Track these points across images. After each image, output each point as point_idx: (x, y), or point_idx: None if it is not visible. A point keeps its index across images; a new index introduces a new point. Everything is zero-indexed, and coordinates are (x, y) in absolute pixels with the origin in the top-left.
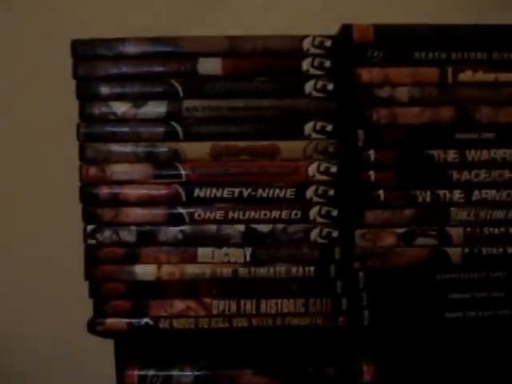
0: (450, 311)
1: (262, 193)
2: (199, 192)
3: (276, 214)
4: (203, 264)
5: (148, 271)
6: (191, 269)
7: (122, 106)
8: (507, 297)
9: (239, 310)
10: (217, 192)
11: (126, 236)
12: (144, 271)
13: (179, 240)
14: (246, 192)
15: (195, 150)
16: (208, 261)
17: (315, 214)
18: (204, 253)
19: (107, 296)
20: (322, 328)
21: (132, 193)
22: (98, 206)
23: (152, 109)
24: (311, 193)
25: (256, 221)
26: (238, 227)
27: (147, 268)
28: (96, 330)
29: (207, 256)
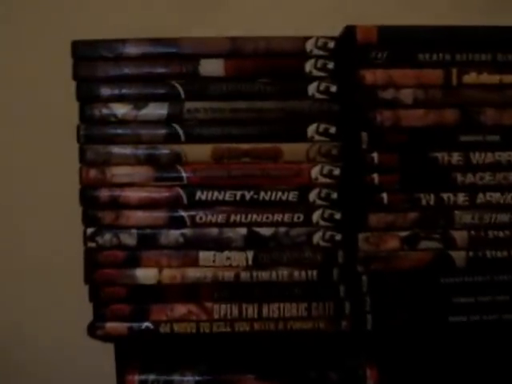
0: (454, 315)
1: (265, 196)
2: (201, 195)
3: (278, 217)
4: (205, 268)
5: (149, 275)
6: (192, 272)
7: (123, 108)
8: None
9: (241, 315)
10: (218, 195)
11: (127, 239)
12: (145, 275)
13: (180, 243)
14: (248, 195)
15: (197, 153)
16: (209, 264)
17: (318, 217)
18: (205, 256)
19: (107, 300)
20: (325, 332)
21: (133, 195)
22: (99, 209)
23: (153, 110)
24: (314, 196)
25: (258, 224)
26: (240, 230)
27: (148, 272)
28: (96, 334)
29: (209, 260)
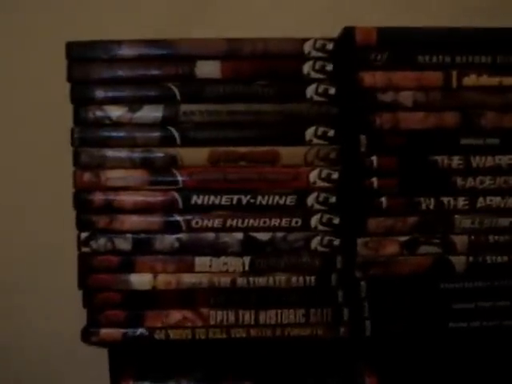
0: (454, 321)
1: (262, 200)
2: (197, 199)
3: (276, 222)
4: (200, 273)
5: (144, 280)
6: (188, 278)
7: (118, 110)
8: None
9: (238, 321)
10: (215, 199)
11: (121, 244)
12: (139, 280)
13: (176, 248)
14: (245, 199)
15: (193, 156)
16: (205, 270)
17: (316, 222)
18: (201, 262)
19: (101, 305)
20: (323, 339)
21: (127, 199)
22: (93, 213)
23: (148, 113)
24: (312, 200)
25: (255, 229)
26: (237, 235)
27: (143, 277)
28: (90, 340)
29: (205, 265)
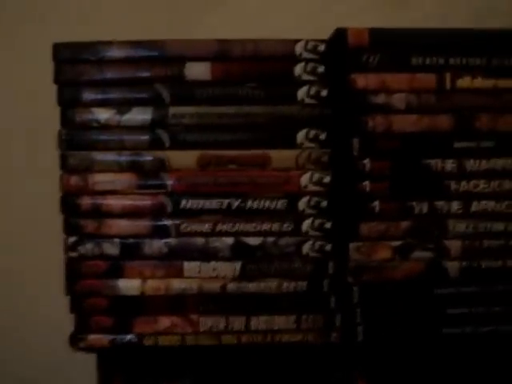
0: (448, 327)
1: (252, 204)
2: (186, 203)
3: (266, 227)
4: (190, 279)
5: (132, 286)
6: (177, 284)
7: (106, 113)
8: (507, 311)
9: (228, 327)
10: (204, 203)
11: (109, 249)
12: (128, 286)
13: (164, 253)
14: (235, 203)
15: (182, 159)
16: (195, 275)
17: (308, 227)
18: (191, 267)
19: (89, 311)
20: (315, 345)
21: (115, 203)
22: (80, 217)
23: (136, 115)
24: (303, 204)
25: (246, 233)
26: (227, 240)
27: (131, 282)
28: (78, 346)
29: (194, 270)
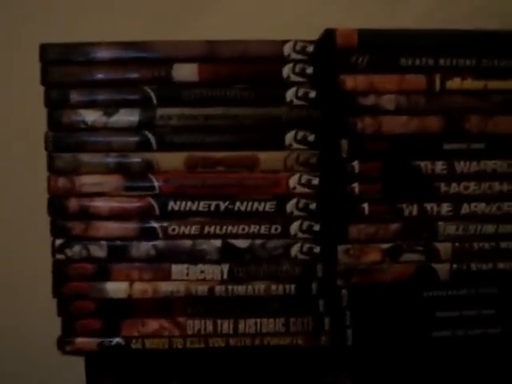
0: (438, 330)
1: (240, 206)
2: (173, 205)
3: (255, 229)
4: (177, 281)
5: (119, 288)
6: (165, 286)
7: (93, 114)
8: (497, 314)
9: (216, 330)
10: (192, 205)
11: (97, 251)
12: (115, 288)
13: (152, 256)
14: (223, 205)
15: (169, 161)
16: (182, 278)
17: (296, 229)
18: (178, 269)
19: (76, 314)
20: (304, 348)
21: (103, 205)
22: (67, 219)
23: (124, 117)
24: (292, 206)
25: (234, 236)
26: (215, 242)
27: (118, 285)
28: (65, 349)
29: (182, 273)
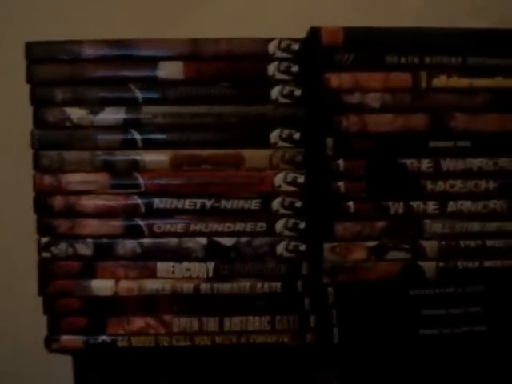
0: (425, 328)
1: (226, 204)
2: (159, 203)
3: (240, 227)
4: (163, 279)
5: (105, 286)
6: (150, 284)
7: (78, 112)
8: (484, 312)
9: (201, 328)
10: (177, 203)
11: (83, 249)
12: (101, 286)
13: (138, 254)
14: (209, 203)
15: (155, 159)
16: (168, 276)
17: (282, 227)
18: (164, 267)
19: (62, 312)
20: (290, 346)
21: (88, 203)
22: (53, 217)
23: (109, 115)
24: (277, 204)
25: (219, 234)
26: (200, 240)
27: (104, 283)
28: (51, 348)
29: (167, 271)
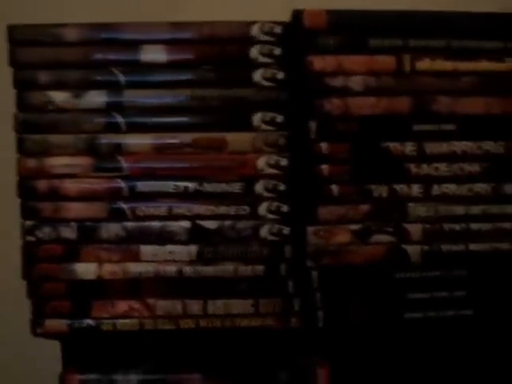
0: (410, 311)
1: (209, 187)
2: (142, 186)
3: (223, 210)
4: (146, 262)
5: (89, 270)
6: (134, 267)
7: (62, 96)
8: (469, 296)
9: (185, 311)
10: (161, 186)
11: (66, 232)
12: (85, 270)
13: (121, 237)
14: (192, 187)
15: (138, 142)
16: (152, 259)
17: (265, 210)
18: (147, 250)
19: (46, 296)
20: (274, 329)
21: (72, 187)
22: (37, 201)
23: (92, 98)
24: (260, 187)
25: (202, 217)
26: (183, 224)
27: (88, 266)
28: (35, 332)
29: (151, 254)
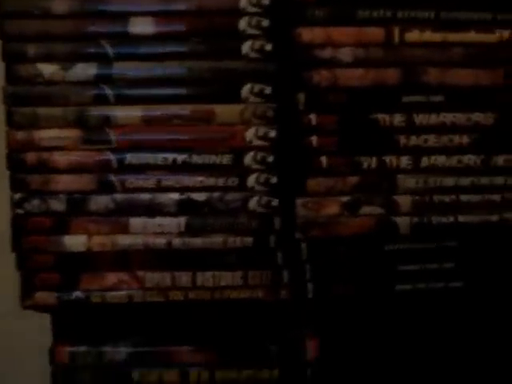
0: (400, 283)
1: (197, 159)
2: (131, 159)
3: (212, 182)
4: (135, 234)
5: (78, 242)
6: (123, 240)
7: (50, 68)
8: (458, 268)
9: (174, 283)
10: (149, 159)
11: (55, 205)
12: (73, 242)
13: (110, 209)
14: (181, 158)
15: (126, 115)
16: (140, 231)
17: (253, 182)
18: (136, 223)
19: (35, 268)
20: (264, 301)
21: (61, 159)
22: (26, 173)
23: (81, 71)
24: (249, 159)
25: (191, 189)
26: (172, 196)
27: (77, 238)
28: (25, 304)
29: (140, 226)
